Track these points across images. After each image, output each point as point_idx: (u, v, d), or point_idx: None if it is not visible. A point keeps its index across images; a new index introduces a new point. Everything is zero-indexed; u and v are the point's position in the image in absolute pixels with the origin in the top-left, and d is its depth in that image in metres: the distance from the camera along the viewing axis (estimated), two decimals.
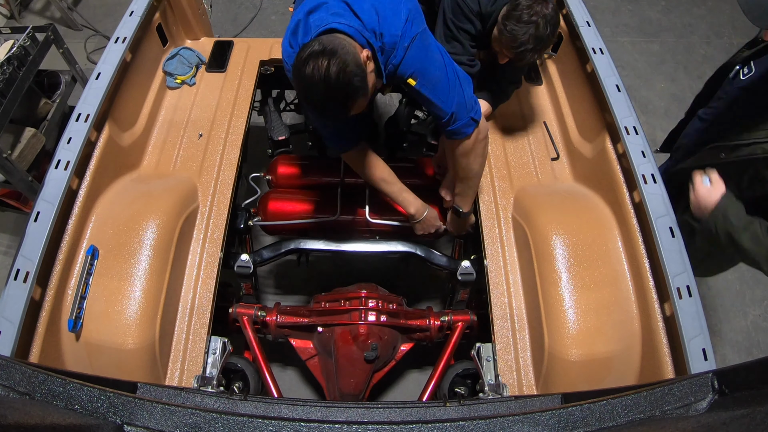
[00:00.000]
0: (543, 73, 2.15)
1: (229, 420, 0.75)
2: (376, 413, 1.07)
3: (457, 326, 1.68)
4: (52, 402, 0.74)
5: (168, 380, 1.42)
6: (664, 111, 3.49)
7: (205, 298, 1.53)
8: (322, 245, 1.76)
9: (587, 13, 1.87)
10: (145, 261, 1.45)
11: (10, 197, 2.54)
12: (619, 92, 1.63)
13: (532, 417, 0.76)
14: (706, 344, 1.22)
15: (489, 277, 1.59)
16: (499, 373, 1.44)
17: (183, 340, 1.47)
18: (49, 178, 1.41)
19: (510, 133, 1.95)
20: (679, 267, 1.32)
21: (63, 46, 2.50)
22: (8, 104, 2.12)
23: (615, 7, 4.14)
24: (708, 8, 4.17)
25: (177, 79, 2.03)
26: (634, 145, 1.52)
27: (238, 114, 1.95)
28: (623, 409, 0.76)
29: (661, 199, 1.42)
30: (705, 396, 0.76)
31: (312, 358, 1.77)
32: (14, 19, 3.78)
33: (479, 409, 1.11)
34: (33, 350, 1.28)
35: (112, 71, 1.62)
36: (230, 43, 2.21)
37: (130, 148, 1.77)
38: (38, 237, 1.30)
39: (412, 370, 2.28)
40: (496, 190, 1.78)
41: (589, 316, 1.42)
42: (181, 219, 1.58)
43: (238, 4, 4.00)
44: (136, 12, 1.79)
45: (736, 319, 2.61)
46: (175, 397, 1.05)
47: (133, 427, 0.73)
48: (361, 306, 1.64)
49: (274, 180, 1.98)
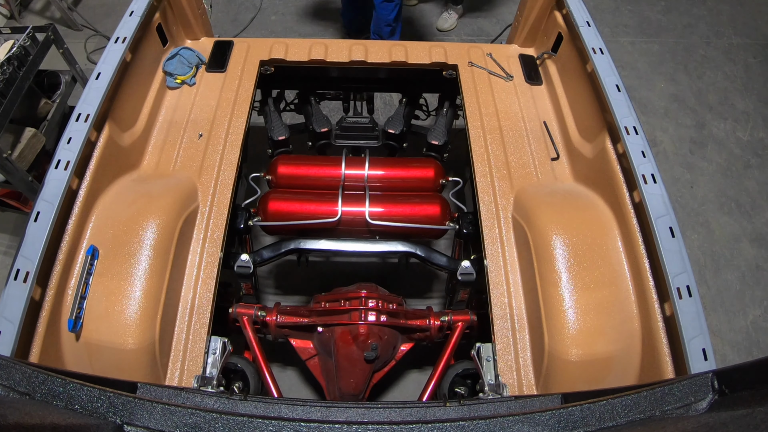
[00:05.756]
0: (543, 73, 2.16)
1: (229, 420, 0.75)
2: (376, 413, 1.07)
3: (457, 326, 1.68)
4: (52, 402, 0.74)
5: (168, 380, 1.41)
6: (664, 111, 3.49)
7: (205, 298, 1.53)
8: (322, 245, 1.76)
9: (587, 13, 1.87)
10: (145, 261, 1.45)
11: (10, 197, 2.54)
12: (619, 92, 1.63)
13: (532, 417, 0.76)
14: (706, 344, 1.22)
15: (489, 277, 1.59)
16: (499, 373, 1.44)
17: (183, 340, 1.47)
18: (49, 178, 1.41)
19: (510, 133, 1.95)
20: (679, 267, 1.32)
21: (63, 46, 2.50)
22: (8, 104, 2.12)
23: (615, 7, 4.14)
24: (708, 8, 4.18)
25: (177, 79, 2.03)
26: (634, 145, 1.52)
27: (238, 114, 1.95)
28: (623, 409, 0.76)
29: (661, 199, 1.42)
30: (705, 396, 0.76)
31: (312, 358, 1.77)
32: (14, 19, 3.78)
33: (479, 409, 1.11)
34: (33, 350, 1.28)
35: (112, 71, 1.62)
36: (230, 43, 2.21)
37: (130, 148, 1.77)
38: (38, 237, 1.30)
39: (412, 370, 2.28)
40: (496, 190, 1.78)
41: (589, 316, 1.42)
42: (181, 219, 1.58)
43: (238, 4, 4.01)
44: (136, 12, 1.79)
45: (736, 319, 2.61)
46: (175, 397, 1.05)
47: (133, 427, 0.73)
48: (361, 306, 1.64)
49: (274, 180, 1.98)
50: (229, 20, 3.88)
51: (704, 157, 3.26)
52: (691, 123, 3.43)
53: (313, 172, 1.99)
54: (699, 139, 3.35)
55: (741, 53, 3.86)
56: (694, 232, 2.93)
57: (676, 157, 3.25)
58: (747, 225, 2.97)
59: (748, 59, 3.83)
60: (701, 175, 3.18)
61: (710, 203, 3.05)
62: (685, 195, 3.08)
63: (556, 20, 2.04)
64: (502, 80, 2.13)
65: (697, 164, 3.23)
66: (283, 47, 2.15)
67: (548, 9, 2.09)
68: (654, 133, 3.36)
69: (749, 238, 2.91)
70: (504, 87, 2.11)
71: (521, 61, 2.20)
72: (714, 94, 3.60)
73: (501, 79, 2.13)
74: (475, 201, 1.76)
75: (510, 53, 2.25)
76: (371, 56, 2.13)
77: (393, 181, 1.98)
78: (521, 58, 2.21)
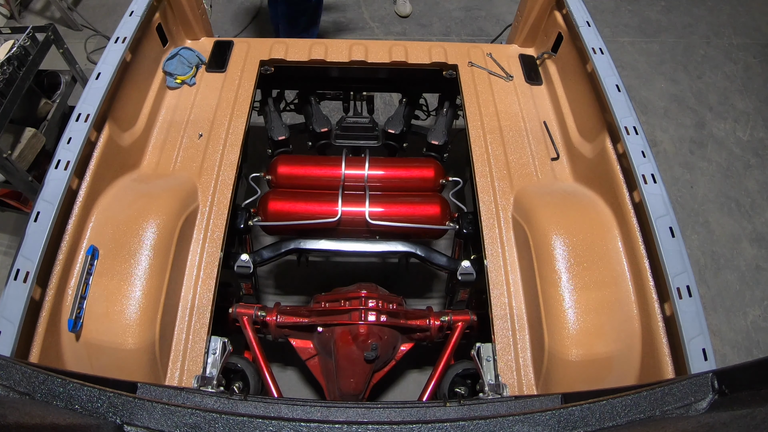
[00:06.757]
0: (543, 73, 2.16)
1: (229, 420, 0.75)
2: (376, 413, 1.07)
3: (457, 326, 1.68)
4: (52, 402, 0.74)
5: (168, 380, 1.42)
6: (664, 111, 3.49)
7: (205, 298, 1.53)
8: (322, 245, 1.76)
9: (587, 13, 1.87)
10: (145, 261, 1.45)
11: (10, 197, 2.54)
12: (619, 92, 1.63)
13: (532, 417, 0.76)
14: (706, 344, 1.22)
15: (489, 277, 1.59)
16: (499, 373, 1.44)
17: (183, 340, 1.47)
18: (49, 178, 1.41)
19: (510, 133, 1.95)
20: (679, 267, 1.32)
21: (63, 46, 2.50)
22: (8, 104, 2.12)
23: (615, 7, 4.14)
24: (708, 8, 4.18)
25: (177, 79, 2.03)
26: (634, 145, 1.52)
27: (238, 114, 1.95)
28: (623, 409, 0.76)
29: (661, 199, 1.42)
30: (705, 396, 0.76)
31: (312, 358, 1.77)
32: (14, 19, 3.78)
33: (479, 409, 1.11)
34: (33, 350, 1.28)
35: (112, 71, 1.62)
36: (230, 43, 2.21)
37: (130, 148, 1.77)
38: (38, 237, 1.30)
39: (412, 370, 2.28)
40: (496, 190, 1.78)
41: (589, 316, 1.42)
42: (181, 219, 1.58)
43: (238, 4, 4.01)
44: (136, 12, 1.79)
45: (736, 319, 2.62)
46: (175, 397, 1.05)
47: (133, 427, 0.73)
48: (361, 306, 1.64)
49: (274, 180, 1.98)
50: (229, 20, 3.88)
51: (704, 157, 3.27)
52: (691, 123, 3.43)
53: (313, 172, 1.99)
54: (699, 139, 3.35)
55: (741, 53, 3.86)
56: (694, 232, 2.93)
57: (676, 157, 3.26)
58: (747, 225, 2.97)
59: (748, 59, 3.83)
60: (701, 175, 3.18)
61: (710, 203, 3.05)
62: (685, 195, 3.08)
63: (556, 20, 2.04)
64: (502, 80, 2.13)
65: (697, 164, 3.23)
66: (283, 47, 2.15)
67: (548, 9, 2.09)
68: (654, 133, 3.36)
69: (749, 238, 2.91)
70: (504, 87, 2.11)
71: (521, 61, 2.20)
72: (714, 94, 3.60)
73: (501, 79, 2.13)
74: (475, 201, 1.76)
75: (510, 53, 2.25)
76: (371, 56, 2.14)
77: (393, 181, 1.99)
78: (521, 58, 2.21)
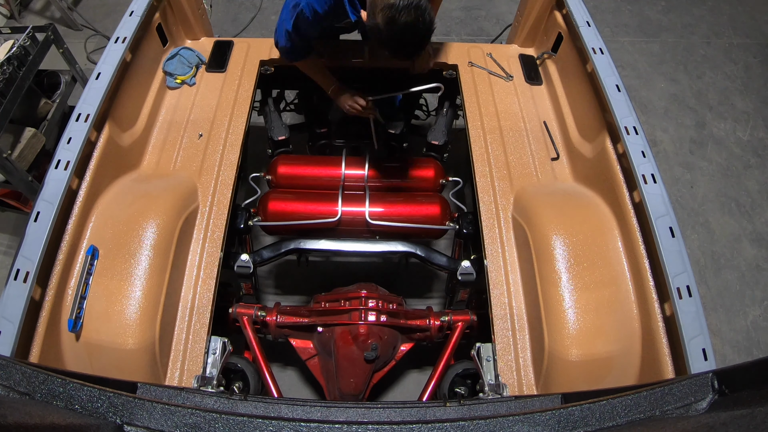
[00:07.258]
0: (543, 73, 2.16)
1: (229, 420, 0.75)
2: (376, 413, 1.07)
3: (457, 326, 1.68)
4: (52, 402, 0.74)
5: (168, 380, 1.41)
6: (664, 111, 3.49)
7: (205, 298, 1.53)
8: (322, 245, 1.76)
9: (587, 13, 1.87)
10: (145, 261, 1.45)
11: (10, 197, 2.53)
12: (619, 92, 1.63)
13: (532, 417, 0.76)
14: (706, 344, 1.22)
15: (489, 277, 1.59)
16: (499, 373, 1.44)
17: (183, 340, 1.47)
18: (49, 178, 1.41)
19: (510, 133, 1.95)
20: (679, 267, 1.32)
21: (63, 46, 2.50)
22: (8, 104, 2.12)
23: (615, 7, 4.14)
24: (708, 8, 4.17)
25: (177, 79, 2.03)
26: (634, 145, 1.52)
27: (238, 114, 1.95)
28: (623, 409, 0.76)
29: (661, 199, 1.42)
30: (705, 396, 0.76)
31: (312, 358, 1.77)
32: (14, 19, 3.78)
33: (479, 409, 1.11)
34: (33, 350, 1.28)
35: (112, 71, 1.62)
36: (230, 43, 2.21)
37: (130, 148, 1.77)
38: (38, 237, 1.30)
39: (412, 370, 2.28)
40: (496, 190, 1.78)
41: (589, 316, 1.42)
42: (181, 219, 1.58)
43: (238, 4, 4.00)
44: (136, 12, 1.79)
45: (736, 319, 2.61)
46: (175, 397, 1.05)
47: (133, 427, 0.73)
48: (361, 306, 1.64)
49: (274, 180, 1.98)
50: (229, 20, 3.88)
51: (704, 156, 3.26)
52: (691, 123, 3.43)
53: (313, 172, 1.99)
54: (699, 138, 3.35)
55: (741, 53, 3.86)
56: (694, 232, 2.93)
57: (676, 157, 3.25)
58: (747, 225, 2.97)
59: (748, 59, 3.83)
60: (701, 175, 3.17)
61: (710, 203, 3.05)
62: (685, 195, 3.08)
63: (556, 20, 2.04)
64: (502, 80, 2.13)
65: (697, 164, 3.23)
66: None
67: (548, 9, 2.09)
68: (654, 133, 3.35)
69: (749, 238, 2.91)
70: (504, 87, 2.11)
71: (521, 61, 2.20)
72: (714, 94, 3.59)
73: (501, 79, 2.13)
74: (475, 201, 1.76)
75: (510, 53, 2.25)
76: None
77: (393, 181, 1.99)
78: (521, 58, 2.21)
